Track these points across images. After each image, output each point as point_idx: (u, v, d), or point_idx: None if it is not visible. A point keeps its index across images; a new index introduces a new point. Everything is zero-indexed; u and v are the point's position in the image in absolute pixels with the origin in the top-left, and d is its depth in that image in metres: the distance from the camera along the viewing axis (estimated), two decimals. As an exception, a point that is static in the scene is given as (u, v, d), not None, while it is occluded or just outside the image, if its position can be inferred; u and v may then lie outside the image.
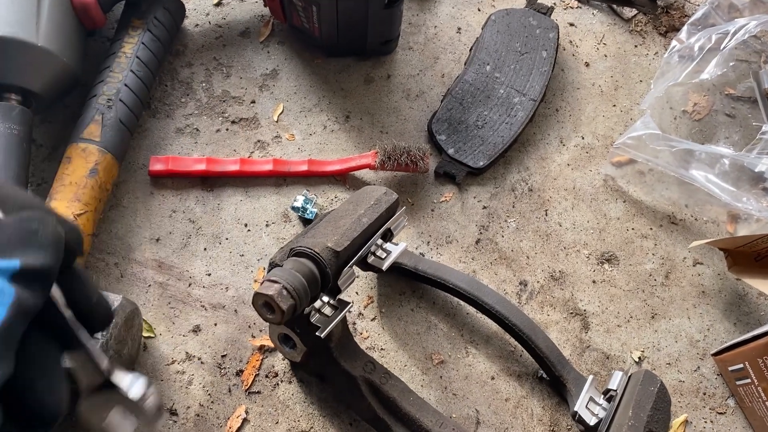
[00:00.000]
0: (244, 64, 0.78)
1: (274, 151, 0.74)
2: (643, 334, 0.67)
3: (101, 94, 0.68)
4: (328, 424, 0.61)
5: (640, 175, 0.75)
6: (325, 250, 0.51)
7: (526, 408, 0.63)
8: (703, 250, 0.71)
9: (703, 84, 0.79)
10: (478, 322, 0.66)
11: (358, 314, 0.66)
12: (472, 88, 0.76)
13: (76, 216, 0.62)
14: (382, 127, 0.76)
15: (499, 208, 0.73)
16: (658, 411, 0.52)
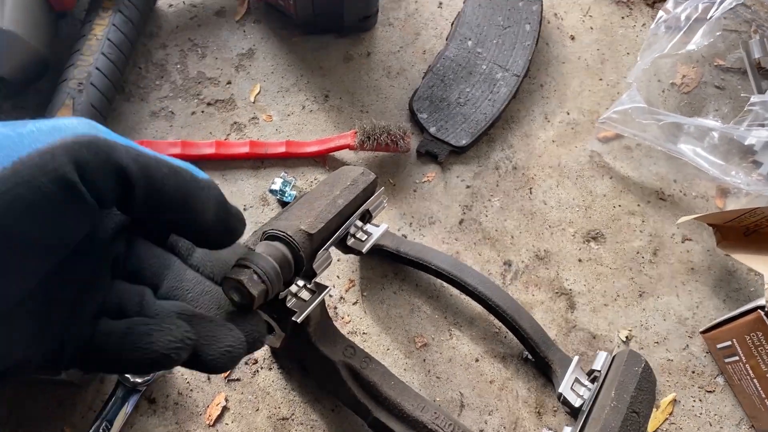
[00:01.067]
0: (219, 44, 0.76)
1: (251, 133, 0.72)
2: (631, 312, 0.66)
3: (72, 77, 0.67)
4: (310, 410, 0.60)
5: (627, 150, 0.73)
6: (298, 232, 0.49)
7: (511, 390, 0.62)
8: (692, 225, 0.70)
9: (691, 55, 0.77)
10: (461, 303, 0.65)
11: (339, 298, 0.65)
12: (454, 64, 0.74)
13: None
14: (362, 107, 0.74)
15: (483, 188, 0.71)
16: (642, 391, 0.51)
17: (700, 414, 0.61)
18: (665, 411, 0.61)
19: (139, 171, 0.27)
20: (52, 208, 0.25)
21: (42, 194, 0.24)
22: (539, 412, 0.61)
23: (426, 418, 0.54)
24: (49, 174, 0.24)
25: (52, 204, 0.25)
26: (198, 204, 0.31)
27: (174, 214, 0.30)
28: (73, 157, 0.25)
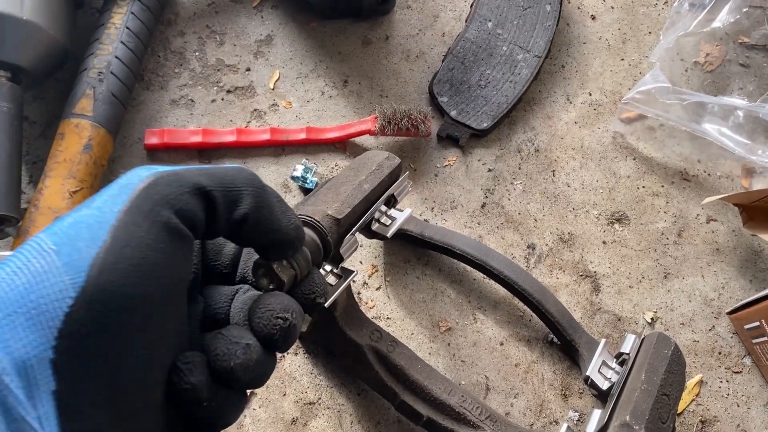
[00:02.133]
0: (237, 30, 0.76)
1: (271, 120, 0.72)
2: (656, 294, 0.65)
3: (92, 67, 0.67)
4: (336, 394, 0.60)
5: (650, 130, 0.72)
6: (325, 218, 0.49)
7: (537, 373, 0.62)
8: (717, 206, 0.69)
9: (715, 33, 0.76)
10: (485, 287, 0.65)
11: (363, 284, 0.65)
12: (474, 46, 0.73)
13: (72, 193, 0.61)
14: (381, 91, 0.74)
15: (505, 171, 0.70)
16: (672, 374, 0.51)
17: (728, 395, 0.61)
18: (692, 392, 0.61)
19: (214, 182, 0.28)
20: (164, 256, 0.25)
21: (149, 246, 0.25)
22: (565, 395, 0.61)
23: (453, 401, 0.54)
24: (144, 226, 0.25)
25: (162, 252, 0.25)
26: (273, 205, 0.31)
27: (255, 222, 0.30)
28: (156, 200, 0.25)
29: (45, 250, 0.24)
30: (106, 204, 0.25)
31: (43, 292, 0.23)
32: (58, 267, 0.23)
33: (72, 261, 0.23)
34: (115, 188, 0.26)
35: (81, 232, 0.24)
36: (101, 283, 0.23)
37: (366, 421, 0.59)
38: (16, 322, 0.23)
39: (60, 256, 0.24)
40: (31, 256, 0.24)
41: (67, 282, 0.23)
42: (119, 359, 0.24)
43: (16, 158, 0.62)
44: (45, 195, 0.61)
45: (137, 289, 0.24)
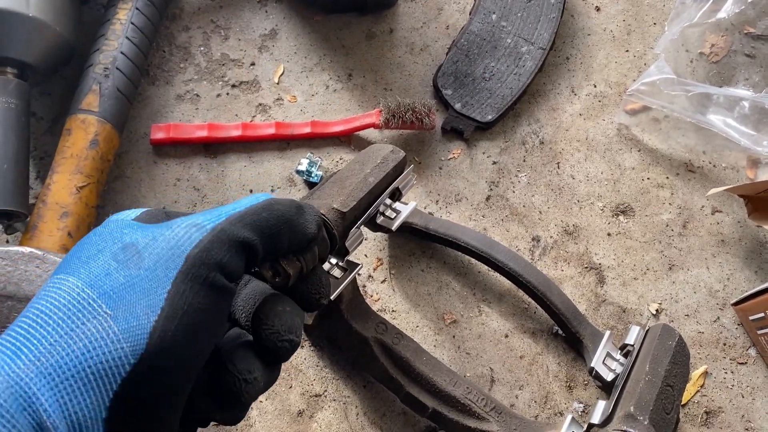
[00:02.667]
0: (242, 25, 0.76)
1: (276, 114, 0.72)
2: (661, 286, 0.65)
3: (97, 63, 0.67)
4: (342, 386, 0.61)
5: (655, 122, 0.72)
6: (330, 211, 0.49)
7: (542, 365, 0.62)
8: (722, 197, 0.69)
9: (720, 23, 0.76)
10: (490, 280, 0.65)
11: (368, 277, 0.65)
12: (478, 38, 0.73)
13: (79, 188, 0.62)
14: (386, 84, 0.74)
15: (510, 163, 0.71)
16: (677, 365, 0.51)
17: (732, 386, 0.61)
18: (696, 383, 0.61)
19: (257, 233, 0.30)
20: (212, 314, 0.28)
21: (201, 311, 0.27)
22: (570, 386, 0.61)
23: (458, 393, 0.54)
24: (201, 292, 0.27)
25: (210, 312, 0.27)
26: (303, 224, 0.33)
27: (288, 246, 0.33)
28: (210, 266, 0.27)
29: (100, 314, 0.25)
30: (159, 266, 0.27)
31: (101, 358, 0.24)
32: (116, 333, 0.25)
33: (130, 328, 0.25)
34: (165, 247, 0.27)
35: (138, 298, 0.26)
36: (160, 351, 0.25)
37: (372, 413, 0.60)
38: (74, 386, 0.24)
39: (117, 322, 0.25)
40: (85, 318, 0.25)
41: (127, 350, 0.25)
42: (163, 410, 0.26)
43: (24, 154, 0.63)
44: (52, 190, 0.61)
45: (189, 350, 0.26)
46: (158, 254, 0.27)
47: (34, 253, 0.55)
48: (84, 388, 0.24)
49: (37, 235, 0.59)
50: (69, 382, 0.24)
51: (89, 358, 0.24)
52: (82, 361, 0.24)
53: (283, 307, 0.34)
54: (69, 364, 0.24)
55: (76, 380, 0.24)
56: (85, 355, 0.24)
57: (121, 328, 0.25)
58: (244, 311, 0.36)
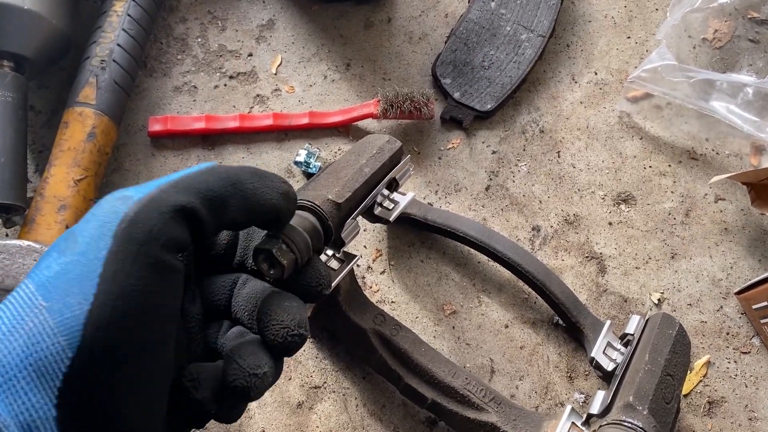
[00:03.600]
0: (239, 15, 0.76)
1: (274, 105, 0.72)
2: (663, 275, 0.65)
3: (94, 55, 0.67)
4: (341, 377, 0.60)
5: (657, 109, 0.71)
6: (325, 202, 0.49)
7: (542, 355, 0.61)
8: (725, 185, 0.68)
9: (723, 8, 0.74)
10: (490, 270, 0.65)
11: (367, 268, 0.65)
12: (477, 27, 0.72)
13: (77, 181, 0.62)
14: (384, 74, 0.73)
15: (509, 152, 0.70)
16: (677, 354, 0.50)
17: (735, 375, 0.61)
18: (699, 373, 0.61)
19: (194, 196, 0.27)
20: (155, 296, 0.25)
21: (140, 292, 0.25)
22: (570, 377, 0.61)
23: (457, 384, 0.54)
24: (133, 272, 0.25)
25: (153, 293, 0.25)
26: (257, 189, 0.30)
27: (243, 213, 0.30)
28: (141, 239, 0.25)
29: (36, 306, 0.24)
30: (89, 249, 0.25)
31: (41, 354, 0.23)
32: (51, 327, 0.24)
33: (65, 320, 0.24)
34: (95, 226, 0.25)
35: (70, 287, 0.24)
36: (96, 341, 0.24)
37: (371, 405, 0.59)
38: (18, 385, 0.23)
39: (52, 314, 0.24)
40: (24, 313, 0.24)
41: (64, 344, 0.23)
42: (120, 405, 0.25)
43: (22, 148, 0.63)
44: (50, 183, 0.61)
45: (132, 338, 0.25)
46: (89, 235, 0.25)
47: (32, 246, 0.55)
48: (28, 386, 0.23)
49: (36, 228, 0.59)
50: (13, 381, 0.23)
51: (29, 354, 0.23)
52: (23, 359, 0.23)
53: (289, 302, 0.33)
54: (12, 362, 0.23)
55: (19, 378, 0.23)
56: (25, 352, 0.23)
57: (56, 320, 0.24)
58: (246, 309, 0.35)
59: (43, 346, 0.23)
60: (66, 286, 0.24)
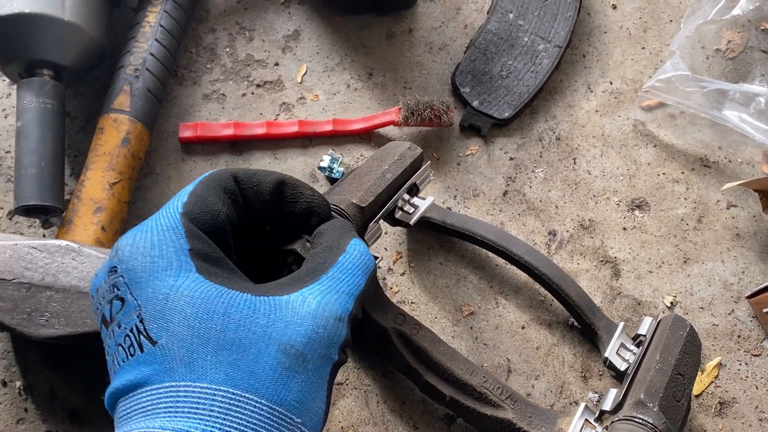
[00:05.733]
0: (266, 26, 0.79)
1: (299, 113, 0.74)
2: (675, 279, 0.66)
3: (128, 64, 0.70)
4: (363, 375, 0.63)
5: (670, 118, 0.73)
6: (350, 206, 0.52)
7: (557, 355, 0.63)
8: (737, 192, 0.70)
9: (737, 20, 0.76)
10: (507, 273, 0.67)
11: (388, 269, 0.67)
12: (496, 37, 0.75)
13: (112, 184, 0.65)
14: (405, 83, 0.76)
15: (527, 159, 0.72)
16: (687, 354, 0.52)
17: (746, 377, 0.62)
18: (710, 374, 0.62)
19: (245, 178, 0.38)
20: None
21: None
22: (585, 377, 0.62)
23: (475, 382, 0.56)
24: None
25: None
26: (301, 185, 0.41)
27: (271, 203, 0.40)
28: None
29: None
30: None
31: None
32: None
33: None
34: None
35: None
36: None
37: (392, 401, 0.62)
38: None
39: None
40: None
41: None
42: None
43: (60, 152, 0.66)
44: (86, 186, 0.64)
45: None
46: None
47: (71, 246, 0.57)
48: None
49: (73, 229, 0.62)
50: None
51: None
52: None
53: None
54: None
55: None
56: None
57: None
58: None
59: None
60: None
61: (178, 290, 0.30)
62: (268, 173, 0.40)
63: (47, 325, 0.54)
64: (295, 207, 0.41)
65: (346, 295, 0.35)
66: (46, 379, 0.61)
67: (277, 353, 0.30)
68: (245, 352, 0.29)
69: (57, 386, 0.60)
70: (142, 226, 0.34)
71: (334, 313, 0.33)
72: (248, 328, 0.30)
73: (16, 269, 0.55)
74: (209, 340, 0.29)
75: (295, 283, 0.35)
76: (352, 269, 0.36)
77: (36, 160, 0.63)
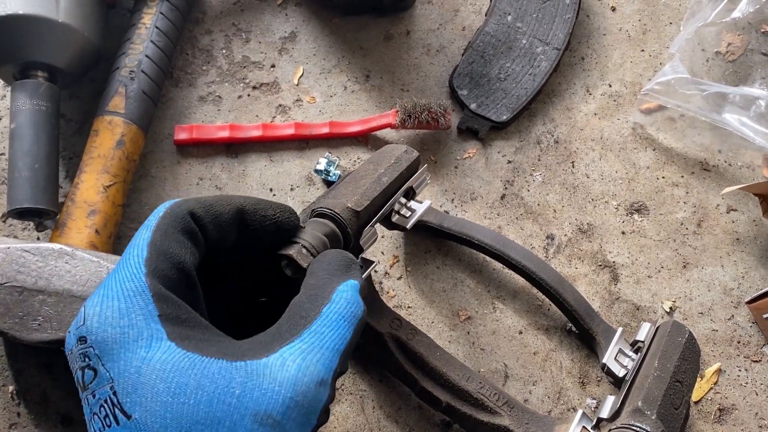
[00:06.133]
0: (262, 28, 0.78)
1: (295, 115, 0.74)
2: (675, 284, 0.66)
3: (123, 66, 0.69)
4: (359, 380, 0.62)
5: (670, 121, 0.73)
6: (345, 210, 0.51)
7: (555, 361, 0.63)
8: (737, 196, 0.69)
9: (737, 23, 0.76)
10: (504, 277, 0.66)
11: (384, 273, 0.67)
12: (494, 39, 0.74)
13: (106, 187, 0.64)
14: (402, 85, 0.75)
15: (524, 162, 0.72)
16: (686, 361, 0.52)
17: (746, 383, 0.62)
18: (710, 380, 0.62)
19: (204, 213, 0.37)
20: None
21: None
22: (583, 383, 0.62)
23: (471, 388, 0.56)
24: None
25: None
26: (262, 208, 0.41)
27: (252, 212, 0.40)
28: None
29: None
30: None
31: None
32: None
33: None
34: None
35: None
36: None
37: (387, 407, 0.61)
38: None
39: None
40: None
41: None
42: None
43: (54, 155, 0.65)
44: (81, 189, 0.64)
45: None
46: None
47: (64, 249, 0.57)
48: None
49: (66, 232, 0.62)
50: None
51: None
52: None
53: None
54: None
55: None
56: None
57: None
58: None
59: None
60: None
61: (150, 363, 0.29)
62: (226, 202, 0.38)
63: (40, 329, 0.53)
64: (263, 230, 0.40)
65: (330, 351, 0.33)
66: (39, 383, 0.60)
67: (252, 424, 0.29)
68: (219, 425, 0.29)
69: (50, 391, 0.60)
70: (107, 289, 0.32)
71: (315, 377, 0.32)
72: (222, 400, 0.29)
73: (8, 273, 0.55)
74: (182, 415, 0.29)
75: (274, 341, 0.33)
76: (338, 321, 0.35)
77: (30, 162, 0.62)
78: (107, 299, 0.32)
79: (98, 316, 0.31)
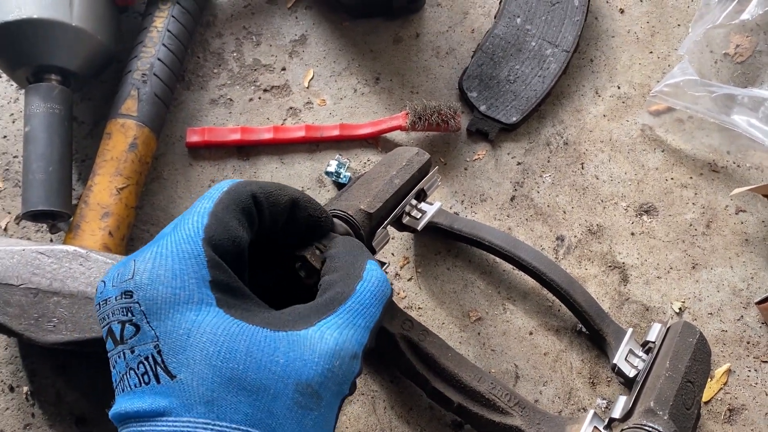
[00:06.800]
0: (273, 31, 0.79)
1: (306, 117, 0.74)
2: (684, 284, 0.66)
3: (136, 69, 0.70)
4: (370, 381, 0.63)
5: (679, 123, 0.73)
6: (357, 212, 0.52)
7: (565, 362, 0.63)
8: (746, 197, 0.69)
9: (745, 24, 0.76)
10: (515, 278, 0.67)
11: (395, 275, 0.67)
12: (503, 42, 0.75)
13: (119, 189, 0.65)
14: (412, 88, 0.76)
15: (534, 164, 0.72)
16: (697, 362, 0.52)
17: (756, 384, 0.62)
18: (720, 381, 0.62)
19: (264, 198, 0.38)
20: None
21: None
22: (593, 383, 0.62)
23: (483, 388, 0.56)
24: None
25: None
26: (312, 205, 0.41)
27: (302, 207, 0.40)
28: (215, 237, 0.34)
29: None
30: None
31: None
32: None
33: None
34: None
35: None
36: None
37: (399, 407, 0.61)
38: None
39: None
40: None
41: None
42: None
43: (68, 157, 0.66)
44: (94, 191, 0.64)
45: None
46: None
47: (78, 251, 0.58)
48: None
49: (80, 234, 0.62)
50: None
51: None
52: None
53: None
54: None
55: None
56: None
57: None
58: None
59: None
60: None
61: (200, 326, 0.30)
62: (283, 191, 0.39)
63: (54, 330, 0.54)
64: (304, 226, 0.41)
65: (362, 329, 0.35)
66: (53, 384, 0.61)
67: (294, 393, 0.31)
68: (265, 392, 0.30)
69: (64, 392, 0.60)
70: (161, 248, 0.32)
71: (350, 350, 0.33)
72: (269, 368, 0.30)
73: (23, 274, 0.55)
74: (231, 380, 0.30)
75: (313, 315, 0.35)
76: (371, 299, 0.36)
77: (44, 165, 0.63)
78: (161, 257, 0.32)
79: (149, 272, 0.31)
